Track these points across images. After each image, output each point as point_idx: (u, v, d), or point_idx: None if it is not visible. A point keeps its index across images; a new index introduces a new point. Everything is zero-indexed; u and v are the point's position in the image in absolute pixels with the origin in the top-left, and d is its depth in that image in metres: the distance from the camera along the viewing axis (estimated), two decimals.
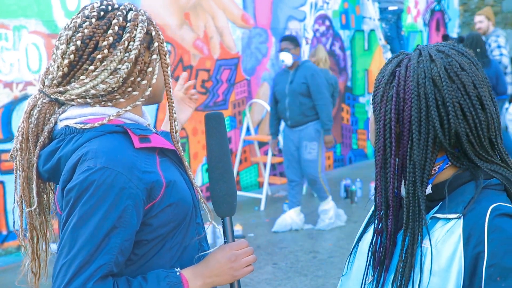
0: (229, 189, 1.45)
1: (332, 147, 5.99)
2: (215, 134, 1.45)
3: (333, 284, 4.43)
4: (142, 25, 1.42)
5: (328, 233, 5.61)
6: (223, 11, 6.87)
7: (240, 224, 5.45)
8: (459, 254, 1.17)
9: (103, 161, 1.32)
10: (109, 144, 1.36)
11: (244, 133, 6.96)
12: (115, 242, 1.31)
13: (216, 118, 1.47)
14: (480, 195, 1.21)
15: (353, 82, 8.69)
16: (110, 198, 1.30)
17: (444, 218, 1.22)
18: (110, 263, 1.30)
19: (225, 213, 1.46)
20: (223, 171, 1.44)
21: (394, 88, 1.24)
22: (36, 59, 5.25)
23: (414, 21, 9.65)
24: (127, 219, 1.32)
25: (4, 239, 5.14)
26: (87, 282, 1.27)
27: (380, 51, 8.77)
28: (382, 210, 1.28)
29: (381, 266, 1.28)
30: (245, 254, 1.46)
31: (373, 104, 1.29)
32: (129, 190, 1.31)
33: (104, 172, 1.31)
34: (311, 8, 7.91)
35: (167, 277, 1.37)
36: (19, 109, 5.18)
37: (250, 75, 7.23)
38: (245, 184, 7.23)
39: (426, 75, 1.22)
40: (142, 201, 1.34)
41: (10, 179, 5.14)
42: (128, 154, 1.35)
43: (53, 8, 5.35)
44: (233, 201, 1.46)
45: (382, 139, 1.26)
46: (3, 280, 4.72)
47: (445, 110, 1.21)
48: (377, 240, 1.30)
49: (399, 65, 1.27)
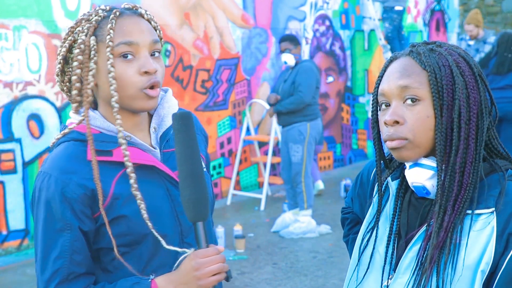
0: (192, 194, 1.30)
1: (271, 115, 5.87)
2: (181, 135, 1.32)
3: (333, 284, 4.43)
4: (70, 37, 1.44)
5: (328, 233, 5.61)
6: (223, 11, 6.86)
7: (240, 224, 5.45)
8: (490, 247, 1.20)
9: (45, 167, 1.40)
10: (61, 151, 1.42)
11: (244, 133, 6.96)
12: (64, 244, 1.37)
13: (182, 118, 1.32)
14: (506, 186, 1.24)
15: (353, 82, 8.69)
16: (48, 202, 1.37)
17: (476, 213, 1.24)
18: (65, 266, 1.37)
19: (193, 218, 1.32)
20: (186, 174, 1.31)
21: (467, 74, 1.27)
22: (36, 59, 5.25)
23: (414, 21, 9.65)
24: (68, 221, 1.37)
25: (4, 239, 5.14)
26: (51, 285, 1.37)
27: (380, 51, 8.77)
28: (455, 197, 1.26)
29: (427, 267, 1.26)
30: (211, 263, 1.32)
31: (445, 93, 1.27)
32: (65, 195, 1.36)
33: (43, 177, 1.38)
34: (311, 8, 7.90)
35: (136, 283, 1.38)
36: (19, 109, 5.18)
37: (250, 75, 7.23)
38: (245, 184, 7.23)
39: (475, 64, 1.30)
40: (83, 205, 1.38)
41: (10, 179, 5.14)
42: (71, 161, 1.39)
43: (53, 8, 5.35)
44: (198, 206, 1.31)
45: (466, 125, 1.26)
46: (3, 280, 4.71)
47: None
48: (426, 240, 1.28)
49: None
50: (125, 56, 1.39)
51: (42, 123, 5.34)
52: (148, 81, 1.39)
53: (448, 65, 1.27)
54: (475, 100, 1.26)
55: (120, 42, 1.38)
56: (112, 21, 1.39)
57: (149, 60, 1.40)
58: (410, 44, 1.36)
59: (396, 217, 1.36)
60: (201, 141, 1.60)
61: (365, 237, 1.42)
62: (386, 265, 1.34)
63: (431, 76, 1.26)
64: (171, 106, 1.53)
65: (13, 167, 5.14)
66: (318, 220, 5.82)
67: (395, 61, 1.33)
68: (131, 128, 1.46)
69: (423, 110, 1.26)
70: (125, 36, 1.39)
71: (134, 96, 1.40)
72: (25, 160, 5.21)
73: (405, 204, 1.36)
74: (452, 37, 10.42)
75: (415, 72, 1.28)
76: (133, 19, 1.43)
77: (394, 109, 1.28)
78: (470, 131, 1.25)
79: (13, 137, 5.15)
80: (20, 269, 4.88)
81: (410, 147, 1.28)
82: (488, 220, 1.22)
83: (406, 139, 1.27)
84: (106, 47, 1.38)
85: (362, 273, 1.40)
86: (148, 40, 1.41)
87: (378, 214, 1.41)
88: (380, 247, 1.37)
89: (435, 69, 1.26)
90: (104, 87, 1.41)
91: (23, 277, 4.73)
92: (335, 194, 6.93)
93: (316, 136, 5.68)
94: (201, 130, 1.64)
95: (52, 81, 5.36)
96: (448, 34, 10.35)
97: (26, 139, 5.22)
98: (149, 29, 1.44)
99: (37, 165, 5.29)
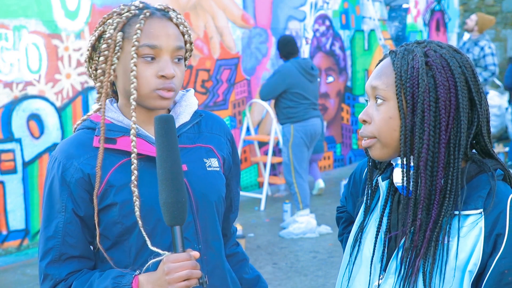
0: (168, 198, 1.30)
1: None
2: (160, 138, 1.32)
3: (333, 284, 4.43)
4: (100, 27, 1.49)
5: (328, 233, 5.61)
6: (223, 11, 6.86)
7: (240, 224, 5.45)
8: (478, 248, 1.20)
9: (55, 150, 1.50)
10: (71, 137, 1.51)
11: (244, 133, 6.96)
12: (58, 225, 1.45)
13: (162, 121, 1.32)
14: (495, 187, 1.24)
15: (353, 82, 8.69)
16: (51, 184, 1.47)
17: (465, 214, 1.23)
18: (57, 246, 1.45)
19: (169, 222, 1.32)
20: (162, 178, 1.31)
21: (439, 77, 1.25)
22: (36, 59, 5.25)
23: (414, 21, 9.65)
24: (64, 203, 1.45)
25: (4, 239, 5.13)
26: (42, 264, 1.46)
27: (380, 51, 8.77)
28: (425, 202, 1.25)
29: (412, 266, 1.26)
30: (181, 268, 1.32)
31: (409, 95, 1.26)
32: (64, 178, 1.45)
33: (51, 160, 1.49)
34: (311, 8, 7.90)
35: (121, 276, 1.41)
36: (19, 109, 5.18)
37: (250, 75, 7.23)
38: (245, 184, 7.23)
39: (462, 64, 1.27)
40: (80, 189, 1.45)
41: (10, 179, 5.14)
42: (76, 147, 1.47)
43: (53, 8, 5.35)
44: (174, 210, 1.30)
45: (429, 128, 1.24)
46: (3, 280, 4.72)
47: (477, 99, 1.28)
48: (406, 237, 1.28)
49: (426, 56, 1.28)
50: (147, 57, 1.42)
51: (42, 123, 5.34)
52: (162, 84, 1.43)
53: (417, 67, 1.25)
54: (448, 104, 1.24)
55: (144, 44, 1.42)
56: (141, 21, 1.42)
57: (169, 65, 1.43)
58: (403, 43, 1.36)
59: (386, 216, 1.36)
60: (222, 143, 1.62)
61: (356, 236, 1.43)
62: (376, 265, 1.35)
63: (396, 77, 1.27)
64: (189, 105, 1.57)
65: (13, 167, 5.14)
66: (318, 220, 5.82)
67: (382, 61, 1.35)
68: (143, 122, 1.51)
69: (387, 111, 1.28)
70: (151, 39, 1.42)
71: (147, 96, 1.44)
72: (25, 160, 5.20)
73: (395, 204, 1.36)
74: (452, 37, 10.42)
75: (386, 73, 1.30)
76: (162, 22, 1.45)
77: (366, 108, 1.32)
78: (441, 135, 1.23)
79: (13, 137, 5.15)
80: (20, 269, 4.88)
81: (378, 146, 1.30)
82: (476, 221, 1.22)
83: (374, 137, 1.30)
84: (131, 46, 1.42)
85: (352, 271, 1.41)
86: (172, 45, 1.44)
87: (366, 213, 1.41)
88: (370, 246, 1.38)
89: (402, 71, 1.26)
90: (124, 82, 1.46)
91: (23, 277, 4.73)
92: (335, 194, 6.93)
93: (305, 137, 5.63)
94: (225, 133, 1.65)
95: (52, 81, 5.37)
96: (448, 34, 10.35)
97: (26, 139, 5.22)
98: (176, 34, 1.47)
99: (37, 165, 5.29)
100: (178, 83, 1.47)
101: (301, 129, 5.60)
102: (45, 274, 1.47)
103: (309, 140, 5.68)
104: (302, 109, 5.63)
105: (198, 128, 1.58)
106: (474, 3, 11.42)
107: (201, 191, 1.52)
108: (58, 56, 5.38)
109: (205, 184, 1.53)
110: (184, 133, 1.54)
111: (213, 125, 1.62)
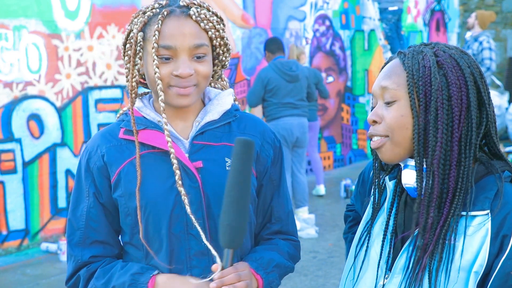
0: (233, 221, 1.29)
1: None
2: (238, 160, 1.31)
3: (333, 284, 4.43)
4: (128, 26, 1.50)
5: (328, 233, 5.60)
6: (223, 11, 6.86)
7: None
8: (484, 249, 1.20)
9: (89, 139, 1.57)
10: (103, 129, 1.56)
11: None
12: (83, 209, 1.50)
13: (243, 144, 1.32)
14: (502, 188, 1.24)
15: (353, 82, 8.69)
16: (79, 170, 1.53)
17: (471, 215, 1.23)
18: (81, 229, 1.50)
19: (225, 244, 1.31)
20: (232, 200, 1.30)
21: (450, 75, 1.26)
22: (36, 59, 5.25)
23: (414, 21, 9.65)
24: (87, 188, 1.50)
25: (4, 239, 5.13)
26: (68, 245, 1.53)
27: (380, 51, 8.77)
28: (437, 201, 1.25)
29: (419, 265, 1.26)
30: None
31: (421, 93, 1.26)
32: (89, 165, 1.50)
33: (83, 148, 1.57)
34: (311, 8, 7.91)
35: (138, 274, 1.43)
36: (19, 109, 5.18)
37: (250, 75, 7.22)
38: None
39: (470, 65, 1.28)
40: (101, 176, 1.49)
41: (10, 179, 5.14)
42: (104, 137, 1.52)
43: (53, 8, 5.35)
44: (234, 235, 1.30)
45: (443, 126, 1.24)
46: (3, 280, 4.71)
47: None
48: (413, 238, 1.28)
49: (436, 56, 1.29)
50: (163, 58, 1.42)
51: (42, 123, 5.34)
52: (176, 83, 1.43)
53: (428, 66, 1.26)
54: (459, 102, 1.25)
55: (160, 45, 1.41)
56: (159, 21, 1.42)
57: (185, 64, 1.42)
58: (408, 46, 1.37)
59: (392, 216, 1.36)
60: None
61: (362, 236, 1.42)
62: (382, 265, 1.35)
63: (408, 76, 1.27)
64: (221, 104, 1.56)
65: (13, 167, 5.14)
66: (318, 220, 5.82)
67: (389, 62, 1.36)
68: (171, 117, 1.51)
69: (398, 109, 1.28)
70: (166, 39, 1.41)
71: (163, 91, 1.43)
72: (25, 160, 5.20)
73: (402, 204, 1.36)
74: (452, 37, 10.42)
75: (396, 73, 1.30)
76: (180, 21, 1.43)
77: (375, 109, 1.32)
78: (454, 133, 1.24)
79: (13, 137, 5.15)
80: (20, 269, 4.88)
81: (389, 146, 1.29)
82: (483, 222, 1.22)
83: (386, 136, 1.30)
84: (151, 47, 1.41)
85: (358, 271, 1.40)
86: (188, 44, 1.42)
87: (373, 214, 1.41)
88: (376, 246, 1.38)
89: (414, 70, 1.27)
90: (148, 81, 1.48)
91: (23, 277, 4.73)
92: (335, 194, 6.93)
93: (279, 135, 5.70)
94: (261, 134, 1.58)
95: (52, 81, 5.37)
96: (448, 34, 10.35)
97: (26, 139, 5.22)
98: (193, 33, 1.44)
99: (37, 165, 5.29)
100: (201, 79, 1.45)
101: (275, 128, 5.61)
102: (70, 255, 1.52)
103: (283, 140, 5.68)
104: (274, 108, 5.72)
105: (229, 128, 1.55)
106: (474, 3, 11.42)
107: (214, 190, 1.48)
108: (58, 56, 5.38)
109: (219, 183, 1.46)
110: (210, 130, 1.52)
111: (246, 126, 1.58)
